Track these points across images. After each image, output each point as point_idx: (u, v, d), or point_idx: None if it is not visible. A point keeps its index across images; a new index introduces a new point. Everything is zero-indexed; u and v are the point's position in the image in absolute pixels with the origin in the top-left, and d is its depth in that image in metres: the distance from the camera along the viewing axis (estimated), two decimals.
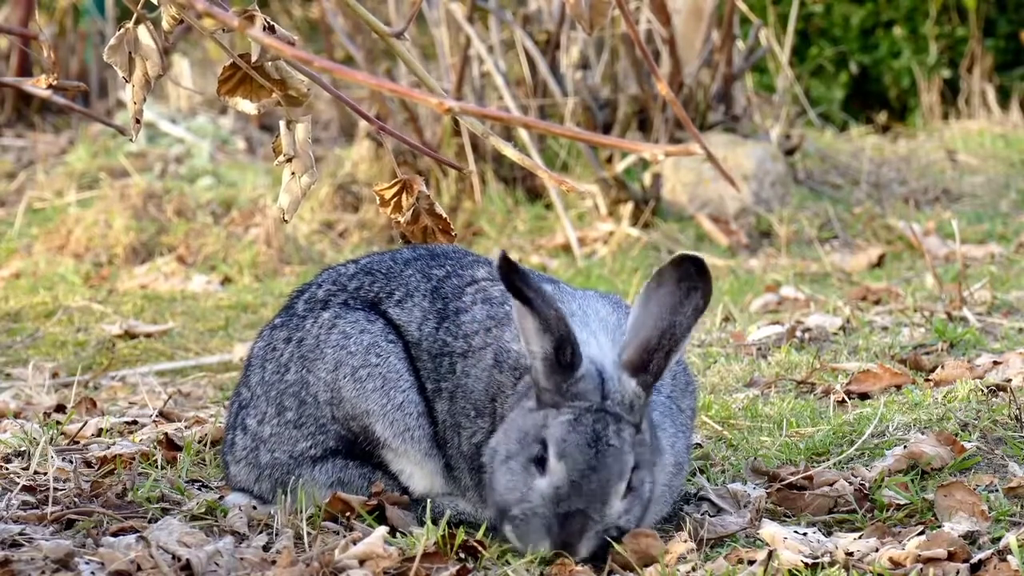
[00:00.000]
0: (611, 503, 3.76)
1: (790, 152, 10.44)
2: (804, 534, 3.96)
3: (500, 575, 3.79)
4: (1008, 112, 13.53)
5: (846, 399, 5.22)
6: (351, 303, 4.22)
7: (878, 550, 3.84)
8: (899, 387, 5.33)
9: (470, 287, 4.19)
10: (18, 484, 4.34)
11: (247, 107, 4.14)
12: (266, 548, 3.93)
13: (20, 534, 3.93)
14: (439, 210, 4.44)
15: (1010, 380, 5.12)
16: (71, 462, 4.65)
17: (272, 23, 3.99)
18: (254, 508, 4.15)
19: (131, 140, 4.49)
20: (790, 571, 3.75)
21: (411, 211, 4.41)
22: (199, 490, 4.47)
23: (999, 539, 3.90)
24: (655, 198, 9.57)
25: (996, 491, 4.26)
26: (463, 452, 4.04)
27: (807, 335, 6.26)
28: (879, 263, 8.90)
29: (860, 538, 3.94)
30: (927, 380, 5.39)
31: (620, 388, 3.80)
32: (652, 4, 9.77)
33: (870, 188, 10.55)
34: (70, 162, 10.94)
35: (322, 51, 12.82)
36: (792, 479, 4.34)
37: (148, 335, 7.41)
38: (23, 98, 12.78)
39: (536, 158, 9.45)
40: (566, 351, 3.78)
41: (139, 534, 3.92)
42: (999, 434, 4.72)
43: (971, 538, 3.93)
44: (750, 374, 5.68)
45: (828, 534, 4.04)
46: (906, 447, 4.50)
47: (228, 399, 4.64)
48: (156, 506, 4.25)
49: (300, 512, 4.06)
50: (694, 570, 3.79)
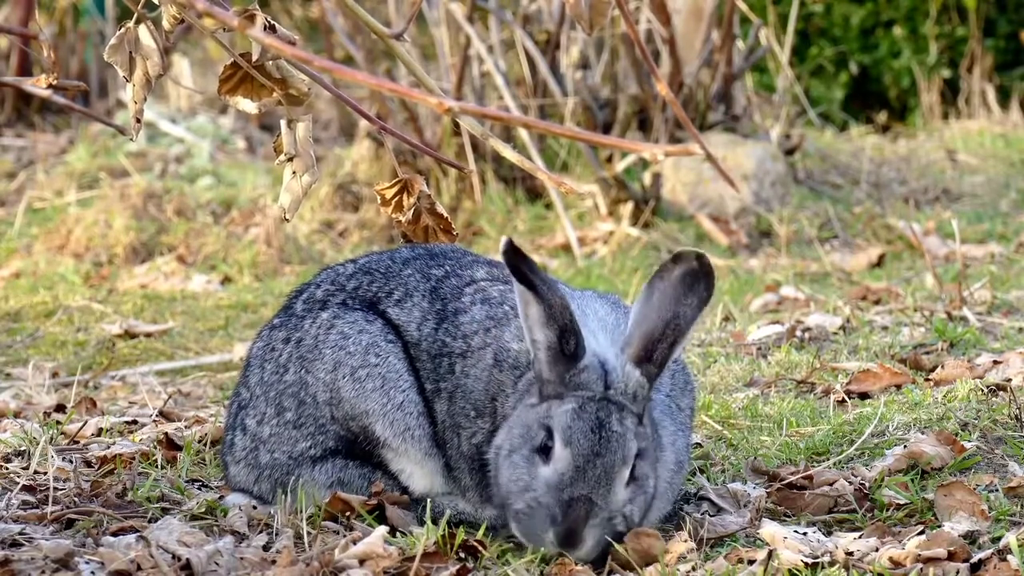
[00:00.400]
0: (615, 489, 3.75)
1: (790, 152, 10.44)
2: (804, 534, 3.96)
3: (500, 575, 3.79)
4: (1008, 112, 13.52)
5: (846, 399, 5.22)
6: (349, 303, 4.21)
7: (878, 550, 3.84)
8: (899, 387, 5.32)
9: (469, 287, 4.19)
10: (18, 484, 4.34)
11: (248, 106, 4.14)
12: (266, 548, 3.93)
13: (20, 534, 3.93)
14: (440, 209, 4.43)
15: (1010, 380, 5.12)
16: (71, 462, 4.65)
17: (273, 23, 3.98)
18: (254, 508, 4.15)
19: (131, 140, 4.49)
20: (790, 571, 3.75)
21: (412, 211, 4.41)
22: (199, 490, 4.47)
23: (999, 539, 3.90)
24: (655, 198, 9.57)
25: (996, 491, 4.26)
26: (463, 453, 4.04)
27: (807, 335, 6.26)
28: (879, 263, 8.90)
29: (860, 538, 3.93)
30: (927, 380, 5.39)
31: (624, 378, 3.81)
32: (652, 4, 9.77)
33: (870, 188, 10.55)
34: (70, 162, 10.94)
35: (322, 51, 12.82)
36: (792, 479, 4.34)
37: (148, 335, 7.41)
38: (23, 98, 12.78)
39: (536, 158, 9.44)
40: (569, 340, 3.79)
41: (139, 534, 3.91)
42: (999, 434, 4.72)
43: (971, 538, 3.93)
44: (750, 374, 5.68)
45: (828, 534, 4.04)
46: (906, 447, 4.50)
47: (228, 399, 4.63)
48: (156, 506, 4.24)
49: (300, 512, 4.06)
50: (694, 570, 3.79)
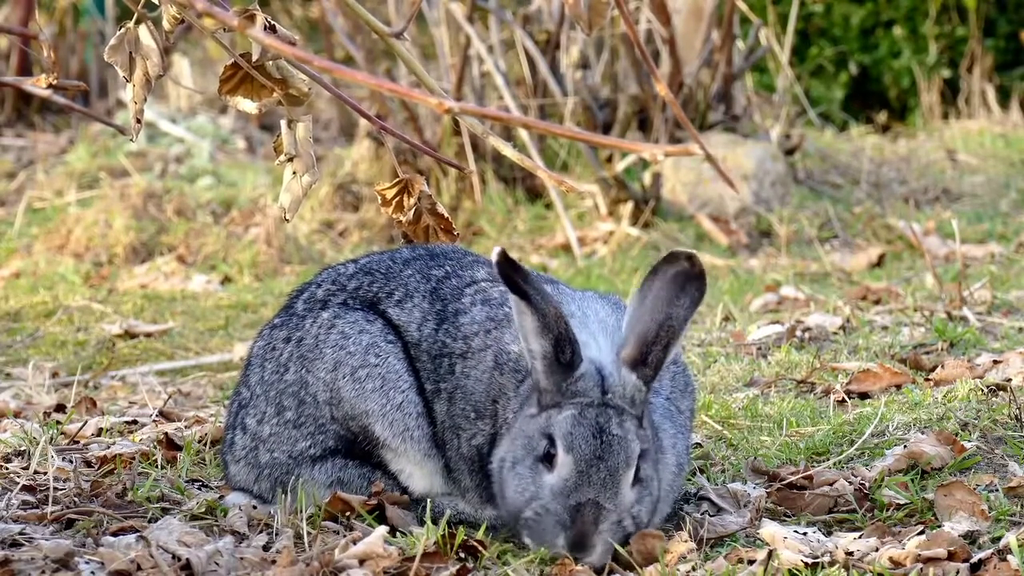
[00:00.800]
0: (621, 491, 3.75)
1: (790, 152, 10.44)
2: (804, 534, 3.96)
3: (500, 575, 3.79)
4: (1008, 112, 13.52)
5: (846, 399, 5.22)
6: (350, 303, 4.21)
7: (878, 550, 3.84)
8: (899, 387, 5.32)
9: (469, 288, 4.19)
10: (18, 484, 4.34)
11: (248, 106, 4.14)
12: (266, 548, 3.93)
13: (20, 534, 3.93)
14: (441, 210, 4.43)
15: (1010, 380, 5.12)
16: (71, 462, 4.65)
17: (273, 23, 3.98)
18: (254, 508, 4.15)
19: (131, 140, 4.49)
20: (790, 571, 3.75)
21: (413, 211, 4.40)
22: (199, 490, 4.46)
23: (999, 539, 3.90)
24: (655, 198, 9.57)
25: (996, 491, 4.26)
26: (463, 454, 4.04)
27: (807, 335, 6.26)
28: (879, 263, 8.90)
29: (860, 538, 3.93)
30: (927, 380, 5.39)
31: (620, 383, 3.81)
32: (652, 4, 9.77)
33: (870, 188, 10.55)
34: (70, 162, 10.94)
35: (322, 51, 12.82)
36: (792, 479, 4.34)
37: (148, 335, 7.41)
38: (23, 98, 12.78)
39: (536, 158, 9.44)
40: (565, 350, 3.79)
41: (139, 534, 3.91)
42: (999, 434, 4.72)
43: (971, 538, 3.93)
44: (750, 374, 5.68)
45: (828, 534, 4.04)
46: (906, 447, 4.50)
47: (228, 399, 4.63)
48: (156, 506, 4.24)
49: (300, 512, 4.06)
50: (694, 570, 3.79)
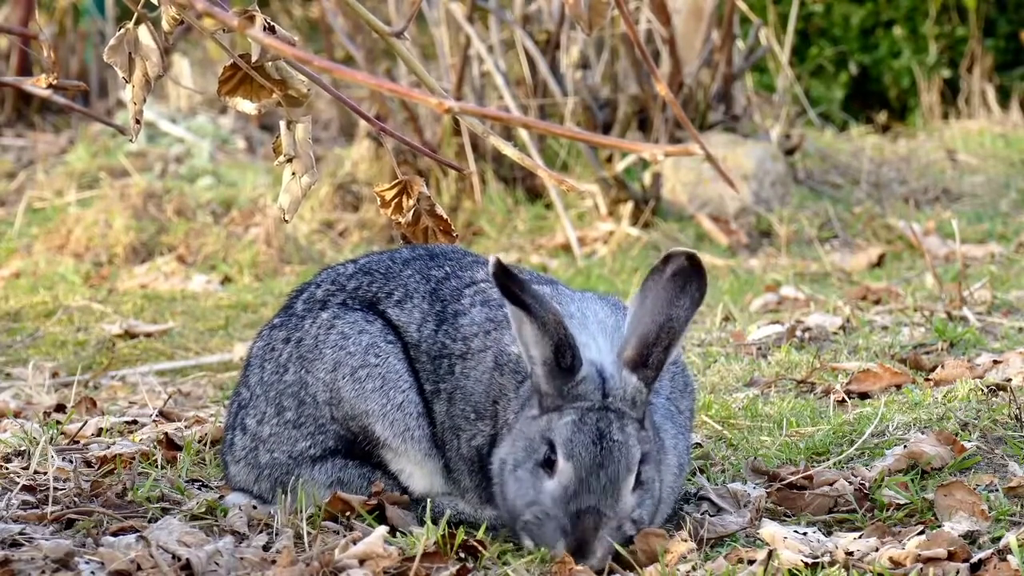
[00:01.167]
0: (622, 498, 3.75)
1: (790, 152, 10.44)
2: (804, 534, 3.96)
3: (500, 575, 3.79)
4: (1008, 112, 13.52)
5: (846, 399, 5.22)
6: (349, 303, 4.21)
7: (878, 550, 3.84)
8: (899, 387, 5.32)
9: (469, 289, 4.19)
10: (18, 484, 4.34)
11: (247, 107, 4.14)
12: (266, 548, 3.93)
13: (20, 534, 3.93)
14: (440, 211, 4.43)
15: (1010, 380, 5.12)
16: (71, 462, 4.65)
17: (272, 23, 3.98)
18: (254, 508, 4.15)
19: (131, 140, 4.49)
20: (790, 571, 3.74)
21: (412, 212, 4.40)
22: (199, 490, 4.47)
23: (999, 539, 3.90)
24: (655, 198, 9.57)
25: (996, 491, 4.26)
26: (463, 455, 4.04)
27: (807, 335, 6.26)
28: (879, 263, 8.90)
29: (860, 538, 3.93)
30: (927, 380, 5.39)
31: (621, 385, 3.80)
32: (652, 4, 9.77)
33: (870, 188, 10.55)
34: (70, 162, 10.94)
35: (322, 51, 12.82)
36: (792, 479, 4.34)
37: (148, 335, 7.41)
38: (23, 98, 12.78)
39: (536, 158, 9.44)
40: (566, 355, 3.78)
41: (139, 534, 3.91)
42: (999, 434, 4.72)
43: (971, 538, 3.93)
44: (750, 374, 5.68)
45: (828, 534, 4.04)
46: (906, 447, 4.50)
47: (228, 399, 4.63)
48: (156, 506, 4.24)
49: (300, 512, 4.06)
50: (694, 569, 3.79)
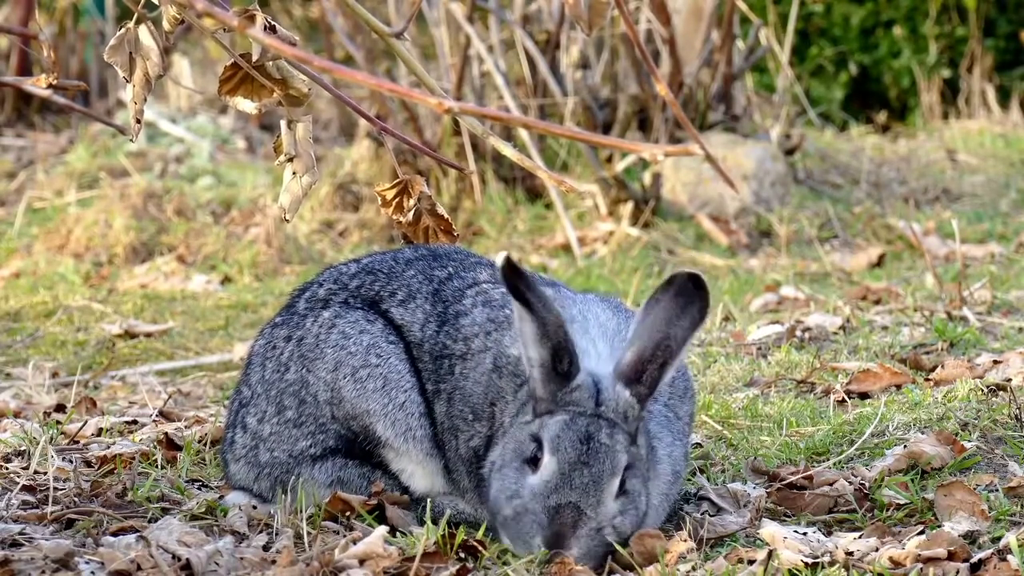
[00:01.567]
0: (604, 500, 3.74)
1: (790, 152, 10.44)
2: (804, 534, 3.96)
3: (500, 575, 3.79)
4: (1008, 112, 13.52)
5: (846, 399, 5.22)
6: (351, 302, 4.21)
7: (878, 550, 3.84)
8: (899, 387, 5.32)
9: (471, 289, 4.19)
10: (18, 484, 4.34)
11: (248, 107, 4.14)
12: (266, 548, 3.93)
13: (20, 534, 3.93)
14: (440, 210, 4.43)
15: (1010, 380, 5.12)
16: (71, 462, 4.65)
17: (273, 23, 3.98)
18: (254, 508, 4.15)
19: (131, 140, 4.49)
20: (790, 571, 3.75)
21: (413, 212, 4.40)
22: (199, 490, 4.47)
23: (999, 539, 3.90)
24: (655, 198, 9.57)
25: (996, 491, 4.26)
26: (460, 455, 4.04)
27: (807, 335, 6.26)
28: (879, 263, 8.90)
29: (860, 538, 3.93)
30: (927, 380, 5.39)
31: (614, 397, 3.81)
32: (652, 4, 9.77)
33: (870, 188, 10.55)
34: (70, 162, 10.93)
35: (322, 51, 12.82)
36: (792, 479, 4.34)
37: (148, 335, 7.41)
38: (23, 98, 12.78)
39: (536, 158, 9.44)
40: (563, 360, 3.78)
41: (139, 534, 3.91)
42: (999, 434, 4.72)
43: (971, 538, 3.93)
44: (750, 374, 5.68)
45: (828, 534, 4.04)
46: (906, 447, 4.50)
47: (228, 398, 4.63)
48: (156, 506, 4.24)
49: (300, 511, 4.06)
50: (694, 569, 3.79)
